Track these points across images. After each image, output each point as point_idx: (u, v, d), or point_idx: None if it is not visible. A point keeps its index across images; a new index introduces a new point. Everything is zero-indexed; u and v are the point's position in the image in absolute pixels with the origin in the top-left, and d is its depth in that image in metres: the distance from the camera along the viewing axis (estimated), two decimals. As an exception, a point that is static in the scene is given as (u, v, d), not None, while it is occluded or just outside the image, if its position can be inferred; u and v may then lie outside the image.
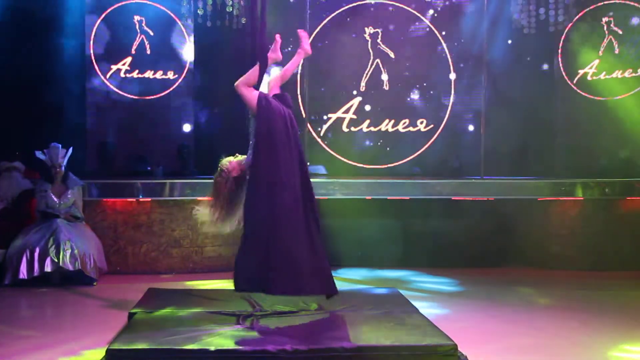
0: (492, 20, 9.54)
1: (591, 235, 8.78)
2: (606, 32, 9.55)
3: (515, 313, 6.44)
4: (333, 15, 9.91)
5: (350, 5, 9.94)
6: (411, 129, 10.00)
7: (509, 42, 9.88)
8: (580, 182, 8.73)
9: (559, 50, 9.79)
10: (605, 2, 9.55)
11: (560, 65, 9.79)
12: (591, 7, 9.56)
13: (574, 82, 9.75)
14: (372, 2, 9.96)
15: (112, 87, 9.57)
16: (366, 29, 9.93)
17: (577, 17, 9.56)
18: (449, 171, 9.69)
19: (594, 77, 9.64)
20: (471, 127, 9.58)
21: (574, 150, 9.67)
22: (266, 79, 5.38)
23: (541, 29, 9.37)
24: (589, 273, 8.46)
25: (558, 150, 9.88)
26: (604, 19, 9.54)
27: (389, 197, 8.76)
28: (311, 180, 5.12)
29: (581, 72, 9.70)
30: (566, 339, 5.52)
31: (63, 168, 7.90)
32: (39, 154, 7.85)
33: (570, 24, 9.59)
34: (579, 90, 9.72)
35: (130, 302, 6.15)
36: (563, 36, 9.71)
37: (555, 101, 9.92)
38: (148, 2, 9.62)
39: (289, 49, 9.88)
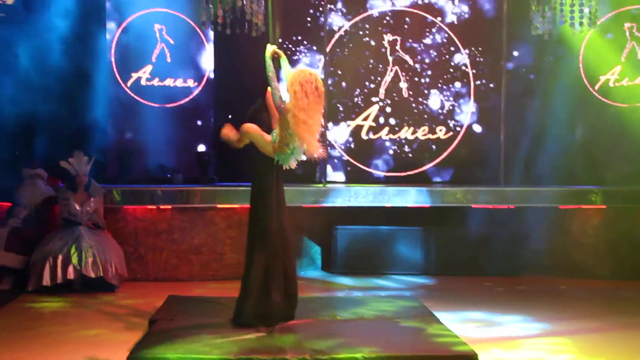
0: (511, 26, 9.48)
1: (613, 244, 8.67)
2: (629, 38, 9.47)
3: (537, 321, 6.38)
4: (352, 22, 9.94)
5: (369, 13, 9.96)
6: (430, 136, 9.97)
7: (529, 48, 9.83)
8: (602, 190, 8.63)
9: (580, 57, 9.71)
10: (628, 8, 9.47)
11: (582, 71, 9.72)
12: (613, 13, 9.48)
13: (596, 88, 9.67)
14: (391, 9, 9.96)
15: (132, 94, 9.66)
16: (385, 36, 9.93)
17: (599, 22, 9.47)
18: (468, 179, 9.63)
19: (616, 84, 9.56)
20: (491, 135, 9.53)
21: (596, 157, 9.56)
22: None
23: (562, 35, 9.30)
24: (611, 282, 8.35)
25: (579, 158, 9.77)
26: (627, 25, 9.45)
27: (408, 205, 8.73)
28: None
29: (603, 78, 9.62)
30: (588, 352, 5.45)
31: (87, 177, 7.98)
32: (63, 164, 7.91)
33: (592, 30, 9.50)
34: (600, 97, 9.64)
35: (151, 309, 6.19)
36: (584, 42, 9.63)
37: (576, 108, 9.82)
38: (168, 11, 9.70)
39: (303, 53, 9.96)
